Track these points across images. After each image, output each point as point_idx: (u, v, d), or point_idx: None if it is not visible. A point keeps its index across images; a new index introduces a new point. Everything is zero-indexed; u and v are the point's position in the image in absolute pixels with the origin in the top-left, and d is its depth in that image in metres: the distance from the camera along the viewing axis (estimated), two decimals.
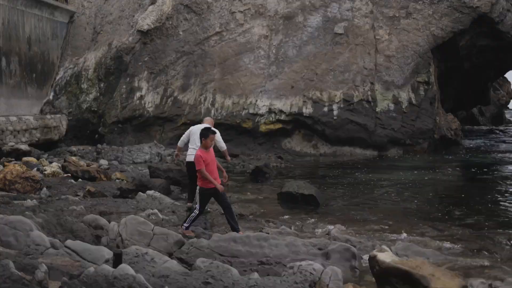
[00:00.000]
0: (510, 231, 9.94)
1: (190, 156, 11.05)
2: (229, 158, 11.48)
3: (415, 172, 18.34)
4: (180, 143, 11.57)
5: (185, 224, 8.99)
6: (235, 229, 8.83)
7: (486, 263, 7.81)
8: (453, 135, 25.42)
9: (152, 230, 7.84)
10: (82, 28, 27.05)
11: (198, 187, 9.15)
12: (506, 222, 10.81)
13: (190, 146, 11.13)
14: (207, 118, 11.80)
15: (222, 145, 11.14)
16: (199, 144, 10.92)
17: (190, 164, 11.09)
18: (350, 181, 16.44)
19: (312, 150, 24.41)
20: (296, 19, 25.19)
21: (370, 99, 23.83)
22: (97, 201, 11.42)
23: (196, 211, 9.04)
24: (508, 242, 9.06)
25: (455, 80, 29.95)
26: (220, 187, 8.97)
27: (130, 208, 10.83)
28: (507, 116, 53.99)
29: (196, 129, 11.21)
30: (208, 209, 11.15)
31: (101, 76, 25.67)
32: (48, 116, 23.56)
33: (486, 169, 18.79)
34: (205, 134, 9.30)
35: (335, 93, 23.95)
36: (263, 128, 24.30)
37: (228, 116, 24.44)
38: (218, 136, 11.07)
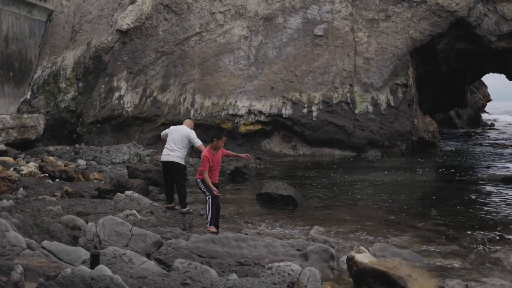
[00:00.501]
0: (486, 232, 10.07)
1: (165, 155, 11.05)
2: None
3: (393, 173, 18.50)
4: (162, 135, 11.62)
5: (207, 221, 9.23)
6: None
7: (463, 263, 7.90)
8: (431, 137, 25.70)
9: (130, 231, 7.79)
10: (61, 26, 26.79)
11: (197, 179, 9.41)
12: (482, 223, 10.95)
13: (166, 146, 11.12)
14: (187, 120, 11.83)
15: (197, 141, 11.11)
16: (178, 145, 10.92)
17: (166, 164, 11.10)
18: (329, 182, 16.53)
19: (291, 151, 24.48)
20: (276, 21, 25.26)
21: (349, 101, 23.98)
22: (74, 201, 11.33)
23: (209, 198, 9.20)
24: (484, 243, 9.18)
25: (433, 83, 30.29)
26: (216, 192, 9.21)
27: (108, 208, 10.76)
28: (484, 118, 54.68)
29: (174, 130, 11.22)
30: (190, 210, 11.13)
31: (79, 75, 25.46)
32: (25, 116, 23.28)
33: (462, 171, 19.01)
34: (219, 135, 9.45)
35: (314, 94, 24.06)
36: (242, 129, 24.31)
37: (208, 116, 24.41)
38: (192, 134, 11.09)
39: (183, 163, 11.10)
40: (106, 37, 25.53)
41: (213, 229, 9.02)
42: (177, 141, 10.99)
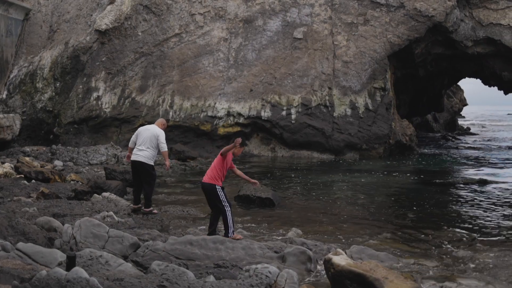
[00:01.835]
0: (462, 233, 10.20)
1: (134, 155, 11.00)
2: (168, 162, 11.18)
3: (371, 176, 18.63)
4: (130, 143, 11.41)
5: (230, 232, 8.81)
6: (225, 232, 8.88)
7: (439, 265, 7.99)
8: (408, 141, 25.94)
9: (107, 233, 7.74)
10: (38, 26, 26.52)
11: (216, 186, 8.92)
12: (458, 224, 11.08)
13: (136, 146, 11.06)
14: (160, 120, 11.68)
15: (163, 146, 10.99)
16: (147, 145, 10.86)
17: (134, 164, 11.04)
18: (307, 184, 16.59)
19: (270, 154, 24.52)
20: (256, 23, 25.30)
21: (327, 103, 24.10)
22: (50, 202, 11.22)
23: (228, 208, 8.88)
24: (461, 244, 9.30)
25: (410, 87, 30.59)
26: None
27: (85, 210, 10.68)
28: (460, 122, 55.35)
29: (143, 130, 11.16)
30: (155, 211, 11.07)
31: (57, 75, 25.21)
32: (1, 115, 22.97)
33: (439, 174, 19.23)
34: (245, 144, 9.33)
35: (293, 97, 24.13)
36: (221, 131, 24.29)
37: (187, 118, 24.33)
38: (161, 136, 10.98)
39: (151, 163, 10.99)
40: (84, 37, 25.32)
41: (239, 236, 8.79)
42: (146, 141, 10.92)
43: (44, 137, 24.97)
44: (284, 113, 23.98)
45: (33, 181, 14.18)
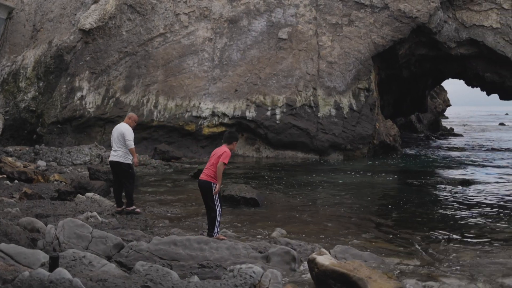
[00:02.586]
0: (445, 233, 10.29)
1: (111, 156, 11.05)
2: (136, 159, 11.10)
3: (355, 176, 18.72)
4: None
5: (215, 232, 8.80)
6: (209, 231, 8.85)
7: (422, 264, 8.05)
8: (392, 141, 26.09)
9: (91, 233, 7.69)
10: (21, 25, 26.29)
11: (213, 184, 8.85)
12: (441, 224, 11.17)
13: (112, 147, 11.09)
14: (129, 114, 11.59)
15: (129, 143, 10.94)
16: (117, 145, 10.85)
17: (111, 164, 11.05)
18: (291, 184, 16.63)
19: (255, 154, 24.54)
20: (241, 23, 25.30)
21: (312, 104, 24.17)
22: (33, 203, 11.13)
23: (218, 208, 8.86)
24: (443, 244, 9.37)
25: (394, 88, 30.78)
26: (219, 188, 8.94)
27: (68, 210, 10.61)
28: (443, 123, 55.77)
29: (114, 130, 11.18)
30: (137, 210, 11.04)
31: (40, 75, 25.02)
32: None
33: (422, 174, 19.36)
34: (237, 138, 9.26)
35: (278, 97, 24.17)
36: (206, 131, 24.26)
37: (171, 118, 24.27)
38: (127, 133, 10.92)
39: (127, 162, 10.95)
40: (68, 36, 25.16)
41: (222, 236, 8.78)
42: (116, 140, 10.95)
43: (27, 137, 24.79)
44: (268, 113, 24.01)
45: (16, 181, 14.06)
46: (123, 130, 10.95)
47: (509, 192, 15.38)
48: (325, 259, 6.73)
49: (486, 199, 14.35)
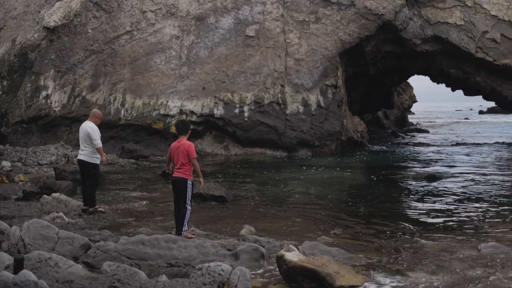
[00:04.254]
0: (411, 227, 10.44)
1: (79, 155, 11.02)
2: (104, 158, 11.06)
3: (323, 172, 18.86)
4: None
5: (183, 230, 8.73)
6: (178, 229, 8.79)
7: (389, 258, 8.15)
8: (359, 137, 26.35)
9: (57, 234, 7.60)
10: None
11: (188, 180, 8.81)
12: (408, 218, 11.33)
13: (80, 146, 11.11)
14: (92, 112, 11.53)
15: (96, 143, 10.88)
16: (84, 144, 10.80)
17: (79, 163, 11.04)
18: (260, 181, 16.67)
19: (223, 151, 24.51)
20: (208, 21, 25.23)
21: (280, 101, 24.24)
22: None
23: (189, 207, 8.81)
24: (411, 238, 9.51)
25: (361, 84, 31.06)
26: (202, 181, 8.98)
27: (33, 211, 10.46)
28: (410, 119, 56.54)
29: (79, 129, 11.16)
30: (100, 209, 10.95)
31: (4, 73, 24.55)
32: None
33: (389, 170, 19.61)
34: (190, 125, 9.27)
35: (246, 94, 24.18)
36: (174, 129, 24.07)
37: (139, 116, 24.08)
38: (92, 133, 10.86)
39: (93, 162, 10.91)
40: (32, 34, 24.75)
41: (191, 235, 8.72)
42: (82, 139, 10.98)
43: None
44: (237, 110, 24.00)
45: None
46: (88, 130, 10.88)
47: (474, 185, 15.69)
48: (293, 255, 6.78)
49: (451, 193, 14.61)
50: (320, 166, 20.39)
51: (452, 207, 12.64)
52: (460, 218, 11.35)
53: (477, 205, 12.77)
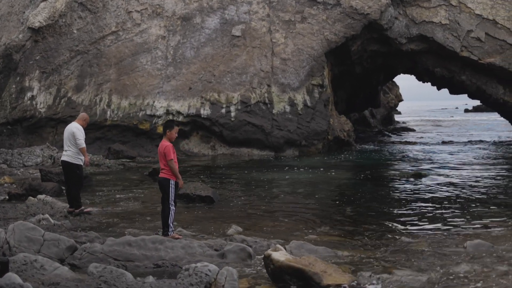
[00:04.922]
0: (400, 226, 10.49)
1: (63, 156, 11.02)
2: (87, 158, 11.06)
3: (310, 171, 18.89)
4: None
5: (170, 231, 8.72)
6: (164, 230, 8.79)
7: (376, 257, 8.18)
8: (346, 136, 26.43)
9: (43, 236, 7.55)
10: None
11: (171, 180, 8.85)
12: (395, 217, 11.38)
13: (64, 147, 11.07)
14: (80, 115, 11.58)
15: (79, 143, 10.86)
16: (68, 145, 10.77)
17: (62, 164, 11.04)
18: (247, 181, 16.67)
19: (210, 151, 24.48)
20: (194, 20, 25.18)
21: (267, 101, 24.26)
22: None
23: (173, 207, 8.85)
24: (398, 237, 9.56)
25: (347, 83, 31.17)
26: (181, 182, 8.96)
27: (19, 213, 10.39)
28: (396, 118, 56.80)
29: (64, 130, 11.13)
30: (87, 210, 10.89)
31: None
32: None
33: (376, 168, 19.69)
34: (171, 125, 9.03)
35: (232, 94, 24.17)
36: (160, 129, 24.04)
37: (125, 117, 23.98)
38: (77, 133, 10.86)
39: (77, 163, 10.92)
40: (17, 35, 24.55)
41: (177, 235, 8.71)
42: (66, 140, 11.02)
43: None
44: (223, 110, 23.98)
45: None
46: (73, 130, 10.88)
47: (459, 184, 15.79)
48: (280, 255, 6.78)
49: (437, 191, 14.69)
50: (307, 166, 20.43)
51: (438, 205, 12.72)
52: (446, 216, 11.42)
53: (463, 202, 12.87)
